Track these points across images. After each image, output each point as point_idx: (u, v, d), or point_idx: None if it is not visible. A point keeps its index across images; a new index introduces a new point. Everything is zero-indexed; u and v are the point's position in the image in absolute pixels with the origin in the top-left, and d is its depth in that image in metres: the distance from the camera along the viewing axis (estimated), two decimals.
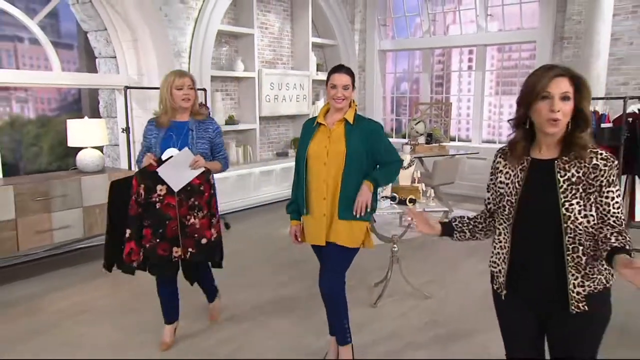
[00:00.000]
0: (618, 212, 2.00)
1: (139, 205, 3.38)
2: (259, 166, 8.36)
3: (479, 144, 9.48)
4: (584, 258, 2.01)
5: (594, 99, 6.10)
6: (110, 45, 6.78)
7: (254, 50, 8.32)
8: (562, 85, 1.95)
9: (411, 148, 7.46)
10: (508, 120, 2.19)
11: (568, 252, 2.02)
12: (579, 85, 1.97)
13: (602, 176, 1.99)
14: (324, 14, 9.52)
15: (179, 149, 3.39)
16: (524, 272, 2.16)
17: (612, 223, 1.99)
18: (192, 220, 3.45)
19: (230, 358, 3.63)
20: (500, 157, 2.22)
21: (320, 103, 9.77)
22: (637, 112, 5.86)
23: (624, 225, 2.00)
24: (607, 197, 1.99)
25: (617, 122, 5.85)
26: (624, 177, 6.02)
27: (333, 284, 3.28)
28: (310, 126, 3.34)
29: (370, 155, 3.25)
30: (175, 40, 7.01)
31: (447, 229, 2.31)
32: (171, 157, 3.32)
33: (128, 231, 3.38)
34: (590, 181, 1.99)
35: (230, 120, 8.22)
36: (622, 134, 5.65)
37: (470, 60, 10.34)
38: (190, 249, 3.48)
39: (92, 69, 7.11)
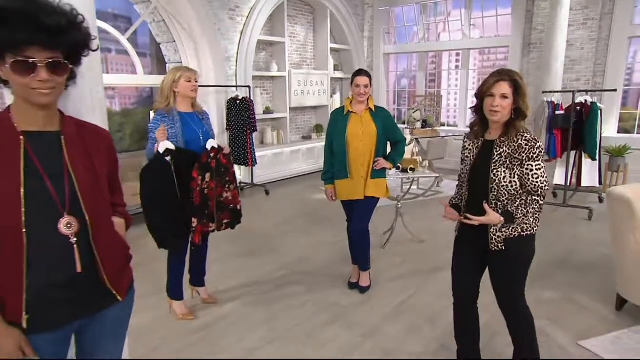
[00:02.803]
0: (536, 181, 2.14)
1: (201, 194, 3.12)
2: (289, 147, 8.66)
3: (463, 128, 9.53)
4: (499, 211, 2.21)
5: (552, 92, 6.61)
6: (178, 53, 7.21)
7: (285, 55, 8.58)
8: (502, 88, 2.15)
9: (410, 131, 7.87)
10: (470, 108, 2.38)
11: (491, 206, 2.22)
12: (517, 88, 2.16)
13: (524, 153, 2.14)
14: (339, 25, 9.69)
15: (203, 137, 3.19)
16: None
17: (529, 189, 2.18)
18: (225, 195, 3.29)
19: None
20: (465, 139, 2.44)
21: (337, 96, 10.03)
22: (584, 102, 6.29)
23: (541, 191, 2.16)
24: (526, 169, 2.14)
25: (568, 110, 6.21)
26: (572, 153, 6.51)
27: (364, 225, 3.73)
28: (341, 114, 3.68)
29: (386, 132, 3.67)
30: (226, 48, 7.41)
31: (458, 209, 2.47)
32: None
33: (194, 220, 3.12)
34: (515, 156, 2.16)
35: (267, 110, 8.53)
36: (572, 119, 6.13)
37: (457, 61, 10.28)
38: (225, 220, 3.32)
39: (162, 72, 7.57)
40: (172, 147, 3.00)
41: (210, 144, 3.16)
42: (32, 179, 1.35)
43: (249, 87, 7.59)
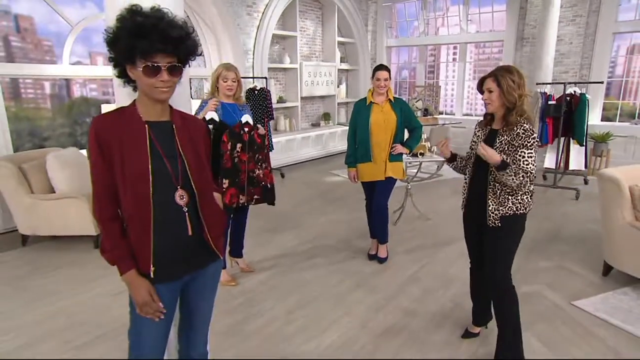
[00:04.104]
0: (526, 167, 2.28)
1: (231, 160, 3.25)
2: (300, 133, 8.82)
3: (460, 116, 9.84)
4: (498, 192, 2.39)
5: (544, 83, 6.83)
6: (200, 47, 7.38)
7: (297, 48, 8.74)
8: (487, 84, 2.38)
9: None
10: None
11: (489, 186, 2.41)
12: (499, 84, 2.33)
13: (520, 140, 2.30)
14: (345, 20, 9.82)
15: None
16: (472, 198, 2.57)
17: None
18: (257, 172, 3.43)
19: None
20: (476, 126, 2.63)
21: (343, 87, 10.17)
22: (573, 93, 6.50)
23: (529, 173, 2.28)
24: (519, 155, 2.30)
25: (559, 100, 6.42)
26: (562, 139, 6.77)
27: (384, 203, 3.96)
28: (364, 105, 3.85)
29: (404, 120, 3.85)
30: (244, 42, 7.57)
31: (453, 157, 2.71)
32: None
33: (226, 181, 3.26)
34: (513, 143, 2.32)
35: (280, 100, 8.70)
36: (562, 109, 6.36)
37: (454, 54, 10.45)
38: (256, 196, 3.44)
39: None
40: (216, 118, 3.18)
41: (245, 118, 3.29)
42: (156, 159, 1.60)
43: (265, 78, 7.70)
